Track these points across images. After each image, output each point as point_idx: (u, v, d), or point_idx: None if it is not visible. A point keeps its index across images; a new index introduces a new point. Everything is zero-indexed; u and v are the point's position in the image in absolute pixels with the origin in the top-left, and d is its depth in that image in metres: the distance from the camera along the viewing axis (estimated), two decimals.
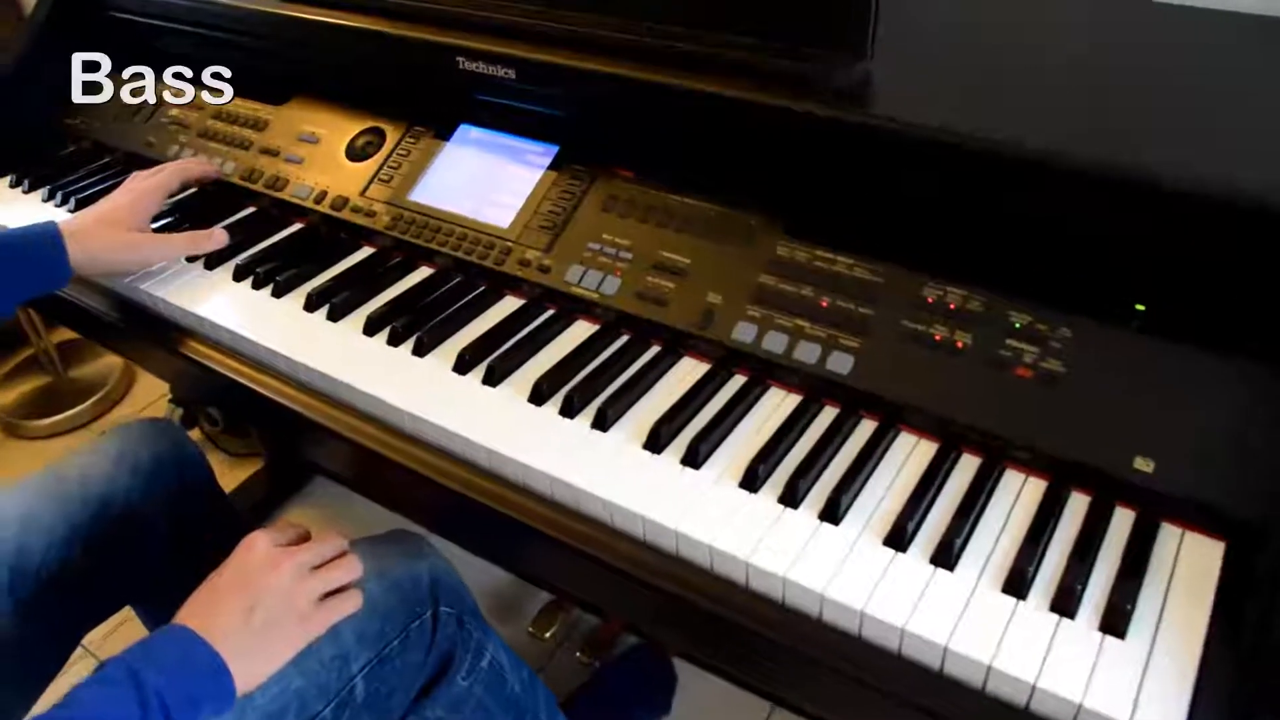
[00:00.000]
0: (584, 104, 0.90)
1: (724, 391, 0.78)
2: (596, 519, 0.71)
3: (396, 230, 0.95)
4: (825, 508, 0.68)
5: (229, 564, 0.78)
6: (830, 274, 0.79)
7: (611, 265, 0.84)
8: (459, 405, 0.77)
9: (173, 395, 1.72)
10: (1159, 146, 0.71)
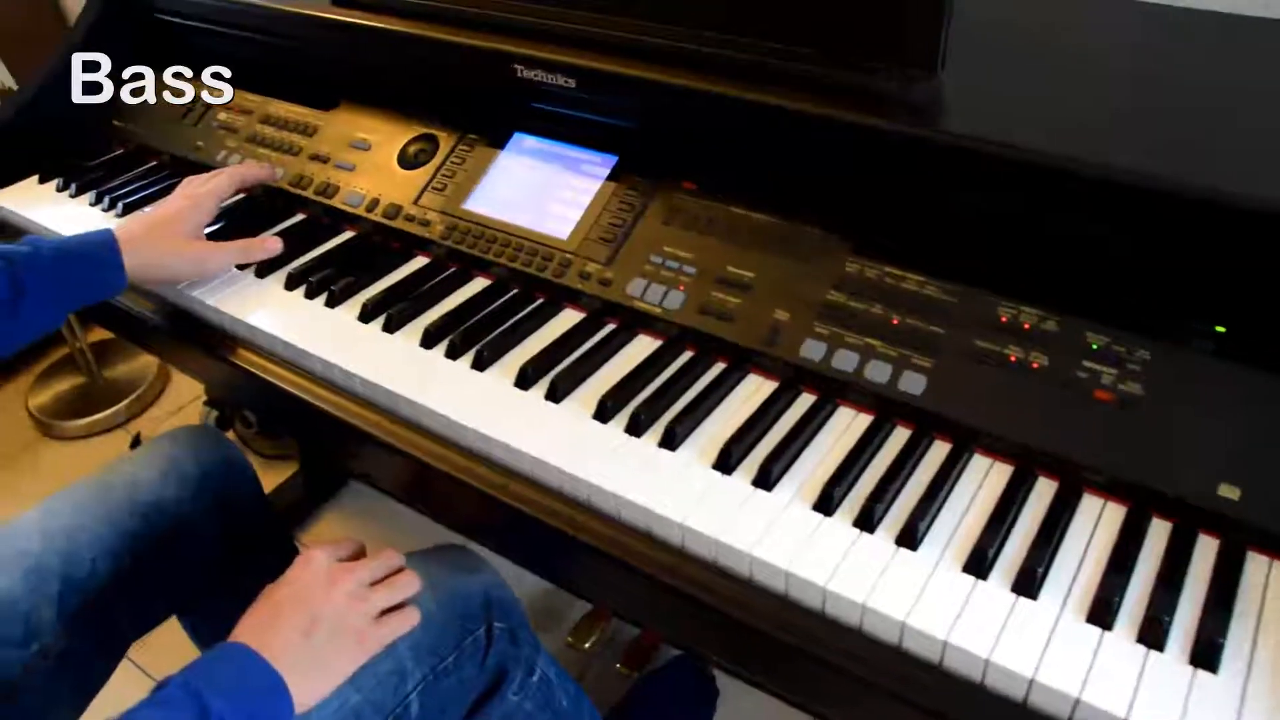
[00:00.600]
0: (647, 115, 0.89)
1: (793, 411, 0.77)
2: (666, 541, 0.70)
3: (451, 240, 0.94)
4: (902, 532, 0.67)
5: (286, 579, 0.77)
6: (900, 292, 0.78)
7: (675, 279, 0.83)
8: (524, 422, 0.76)
9: (208, 398, 1.71)
10: (1239, 165, 0.69)
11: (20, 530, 0.93)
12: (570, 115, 0.94)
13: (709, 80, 0.82)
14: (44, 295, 0.85)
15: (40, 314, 0.86)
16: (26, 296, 0.83)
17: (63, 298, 0.87)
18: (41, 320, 0.87)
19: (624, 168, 0.91)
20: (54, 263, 0.86)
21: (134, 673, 1.31)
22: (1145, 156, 0.70)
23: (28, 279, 0.84)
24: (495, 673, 0.91)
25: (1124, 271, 0.73)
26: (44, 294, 0.85)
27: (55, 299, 0.86)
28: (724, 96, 0.81)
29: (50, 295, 0.86)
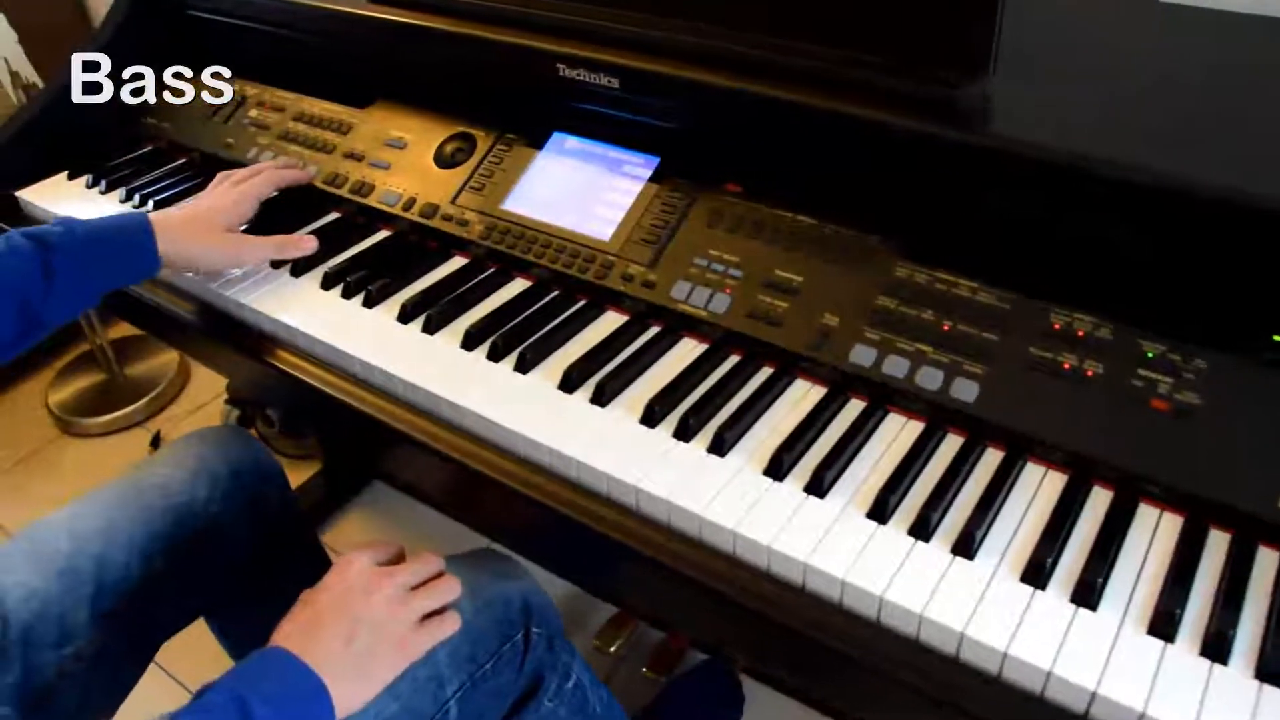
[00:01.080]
0: (692, 116, 0.88)
1: (842, 417, 0.76)
2: (717, 548, 0.69)
3: (490, 240, 0.93)
4: (958, 541, 0.66)
5: (327, 584, 0.77)
6: (952, 298, 0.77)
7: (720, 282, 0.82)
8: (569, 426, 0.75)
9: (229, 397, 1.71)
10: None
11: (50, 531, 0.92)
12: (612, 115, 0.93)
13: (759, 83, 0.81)
14: (76, 275, 0.85)
15: (73, 294, 0.86)
16: (59, 277, 0.83)
17: (95, 277, 0.87)
18: (74, 301, 0.86)
19: (666, 169, 0.90)
20: (86, 243, 0.86)
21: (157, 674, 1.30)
22: (1199, 163, 0.69)
23: (59, 259, 0.83)
24: (532, 679, 0.90)
25: (1179, 279, 0.72)
26: (76, 274, 0.85)
27: (87, 279, 0.86)
28: (774, 99, 0.80)
29: (82, 275, 0.85)
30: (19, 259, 0.82)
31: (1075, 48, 0.89)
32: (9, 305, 0.81)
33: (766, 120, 0.83)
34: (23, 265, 0.82)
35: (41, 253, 0.82)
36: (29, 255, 0.82)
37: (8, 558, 0.90)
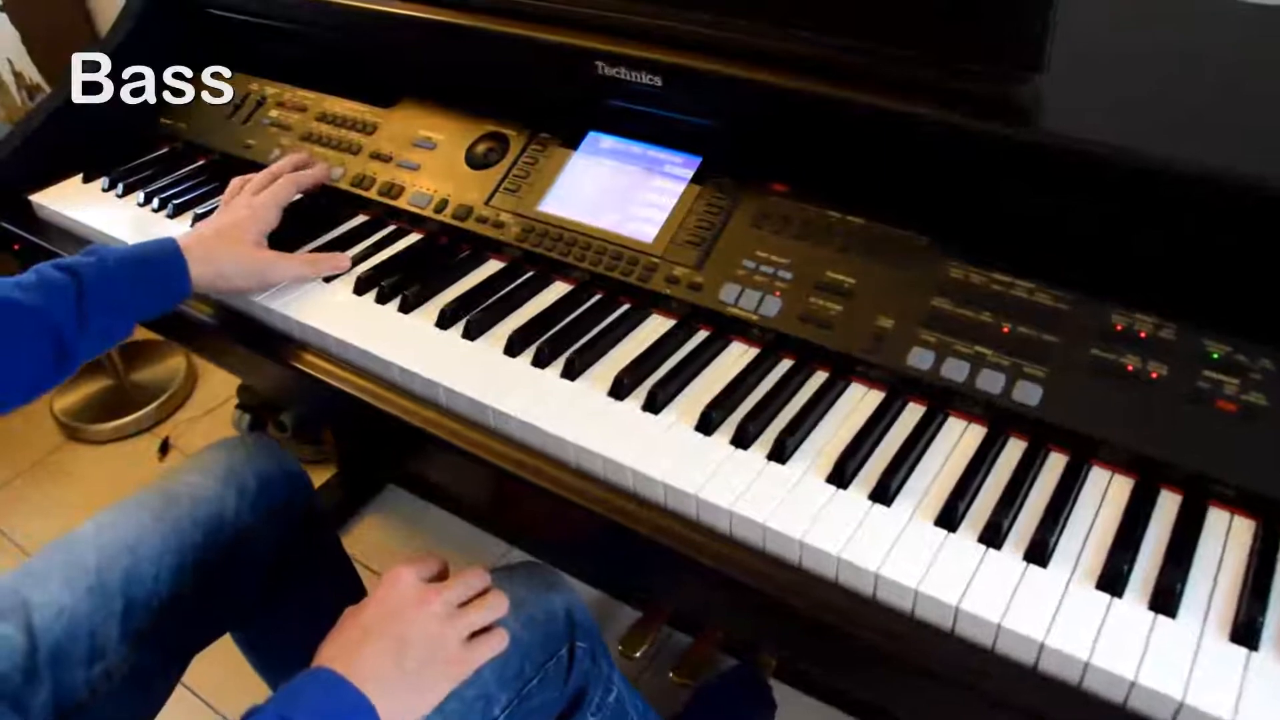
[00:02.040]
0: (738, 115, 0.87)
1: (902, 422, 0.74)
2: (783, 559, 0.67)
3: (528, 243, 0.91)
4: (1030, 549, 0.64)
5: (373, 601, 0.75)
6: (1009, 298, 0.75)
7: (770, 284, 0.81)
8: (622, 434, 0.74)
9: (240, 401, 1.68)
10: None
11: (77, 545, 0.90)
12: (652, 114, 0.92)
13: (810, 81, 0.79)
14: (110, 307, 0.82)
15: (107, 327, 0.83)
16: (92, 309, 0.80)
17: (129, 308, 0.84)
18: (108, 333, 0.84)
19: (709, 168, 0.89)
20: (119, 273, 0.83)
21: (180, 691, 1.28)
22: (1262, 159, 0.68)
23: (93, 292, 0.81)
24: (575, 693, 0.89)
25: (1242, 279, 0.71)
26: (110, 305, 0.82)
27: (122, 310, 0.83)
28: (827, 97, 0.78)
29: (117, 306, 0.83)
30: (52, 293, 0.79)
31: (1126, 45, 0.87)
32: (43, 340, 0.78)
33: (817, 119, 0.81)
34: (56, 299, 0.79)
35: (75, 285, 0.80)
36: (62, 289, 0.79)
37: (35, 574, 0.88)
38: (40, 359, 0.79)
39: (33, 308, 0.78)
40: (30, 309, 0.78)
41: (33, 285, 0.79)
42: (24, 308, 0.78)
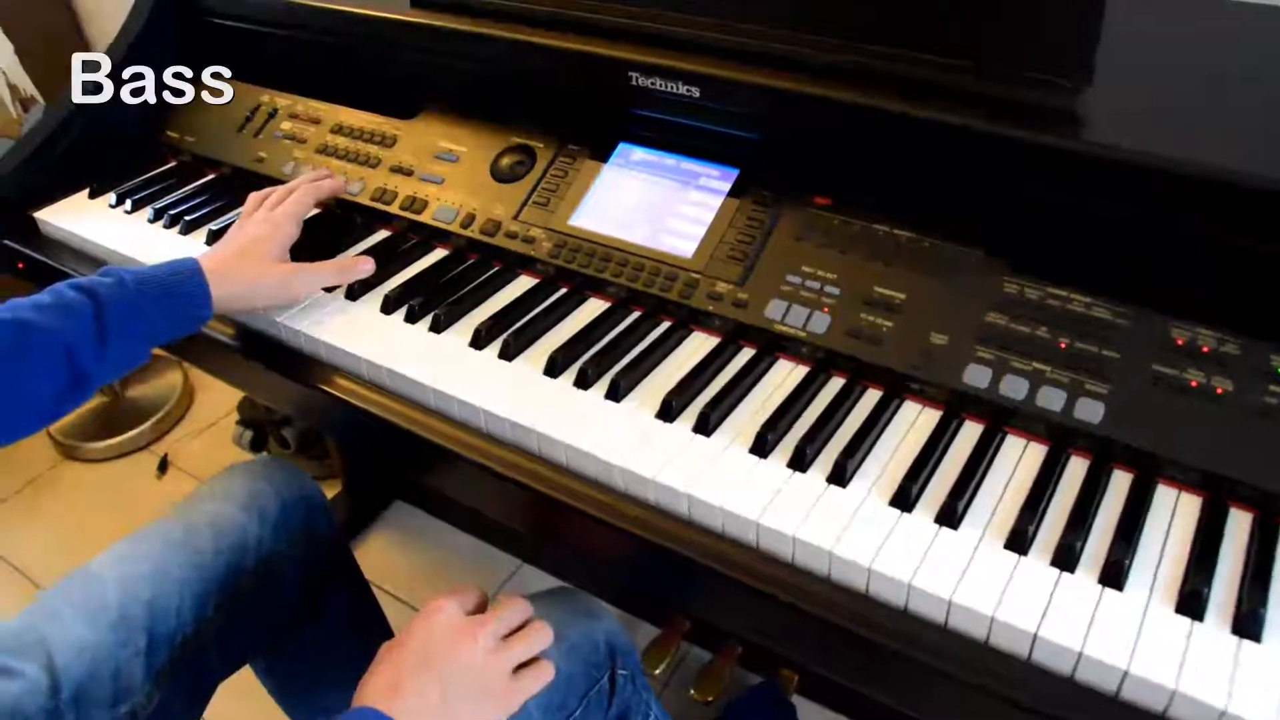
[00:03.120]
0: (779, 127, 0.85)
1: (961, 441, 0.73)
2: (849, 587, 0.65)
3: (560, 259, 0.89)
4: (1105, 571, 0.63)
5: (414, 635, 0.72)
6: (1065, 313, 0.74)
7: (817, 300, 0.79)
8: (676, 459, 0.71)
9: (242, 417, 1.65)
10: None
11: (97, 578, 0.87)
12: (685, 125, 0.89)
13: (856, 91, 0.77)
14: (129, 329, 0.79)
15: (125, 350, 0.79)
16: (111, 332, 0.77)
17: (148, 331, 0.81)
18: (126, 356, 0.80)
19: (747, 181, 0.87)
20: (139, 294, 0.79)
21: None
22: None
23: (112, 313, 0.77)
24: (617, 719, 0.86)
25: None
26: (129, 328, 0.79)
27: (141, 333, 0.80)
28: (874, 108, 0.77)
29: (136, 329, 0.79)
30: (69, 314, 0.76)
31: (1171, 55, 0.86)
32: (57, 363, 0.75)
33: (863, 130, 0.79)
34: (73, 320, 0.76)
35: (92, 307, 0.76)
36: (80, 310, 0.76)
37: (55, 610, 0.84)
38: (56, 382, 0.76)
39: (49, 329, 0.75)
40: (47, 331, 0.75)
41: (49, 306, 0.76)
42: (40, 329, 0.75)
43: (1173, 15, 0.93)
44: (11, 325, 0.74)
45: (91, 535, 1.71)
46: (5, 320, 0.74)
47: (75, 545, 1.70)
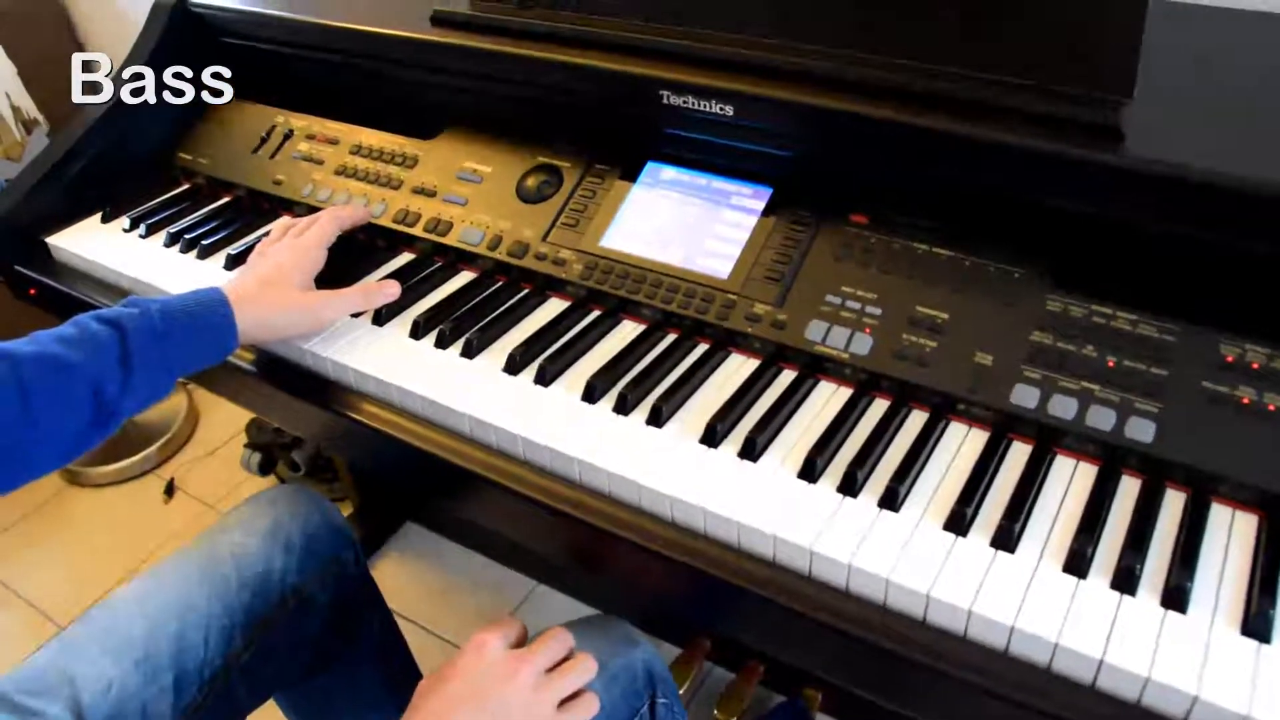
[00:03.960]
0: (814, 145, 0.84)
1: (1010, 463, 0.72)
2: (906, 613, 0.64)
3: (592, 281, 0.88)
4: (1167, 594, 0.62)
5: (458, 671, 0.71)
6: (1112, 331, 0.73)
7: (858, 321, 0.78)
8: (726, 486, 0.70)
9: (250, 440, 1.62)
10: None
11: (120, 613, 0.85)
12: (716, 143, 0.89)
13: (896, 108, 0.76)
14: (155, 362, 0.77)
15: (151, 382, 0.78)
16: (137, 364, 0.75)
17: (174, 362, 0.79)
18: (151, 389, 0.78)
19: (781, 200, 0.86)
20: (164, 325, 0.78)
21: None
22: None
23: (137, 345, 0.76)
24: None
25: None
26: (155, 360, 0.77)
27: (166, 364, 0.78)
28: (914, 126, 0.76)
29: (162, 360, 0.77)
30: (94, 347, 0.74)
31: (1212, 70, 0.86)
32: (84, 398, 0.73)
33: (902, 148, 0.78)
34: (98, 353, 0.74)
35: (118, 339, 0.75)
36: (105, 342, 0.74)
37: (78, 646, 0.83)
38: (81, 417, 0.74)
39: (75, 363, 0.73)
40: (72, 365, 0.73)
41: (74, 340, 0.75)
42: (65, 363, 0.73)
43: (1209, 29, 0.93)
44: (36, 359, 0.72)
45: (99, 563, 1.69)
46: (30, 354, 0.72)
47: (83, 574, 1.67)
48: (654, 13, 0.89)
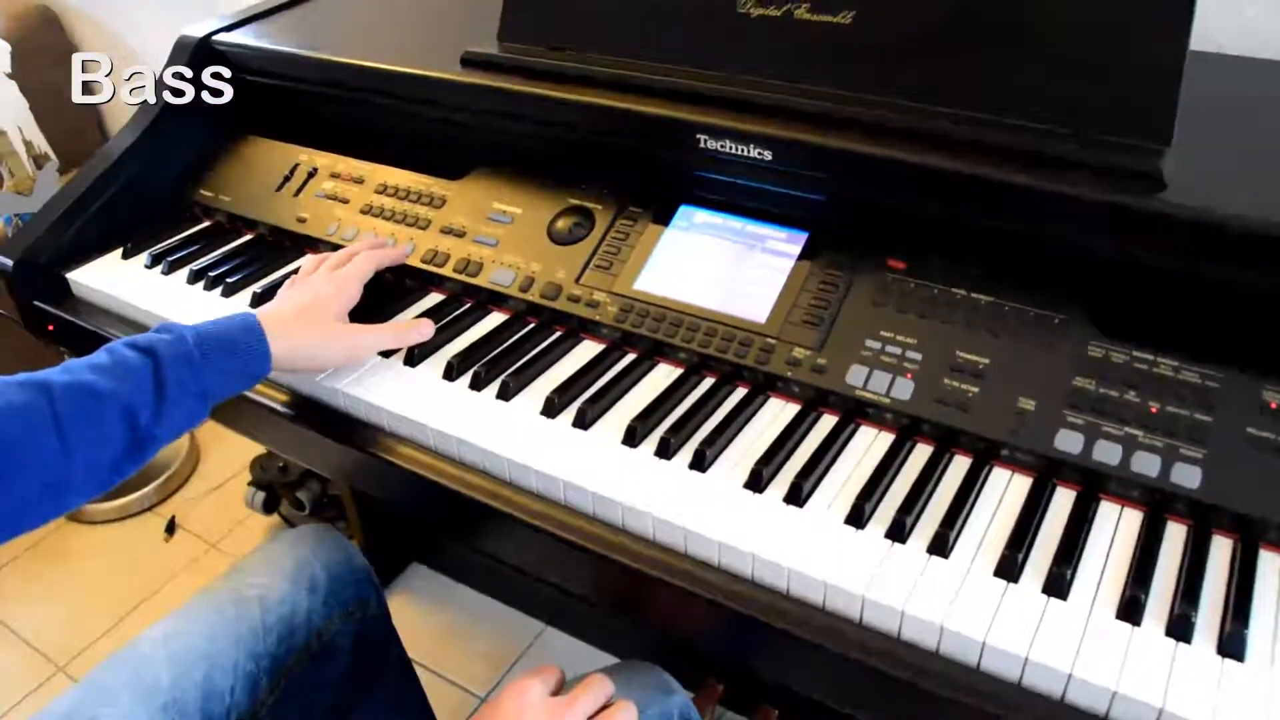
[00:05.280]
0: (851, 190, 0.84)
1: (1056, 509, 0.72)
2: (960, 660, 0.64)
3: (627, 323, 0.88)
4: (1224, 642, 0.62)
5: (500, 716, 0.69)
6: (1154, 377, 0.74)
7: (900, 366, 0.78)
8: (774, 532, 0.70)
9: (254, 479, 1.61)
10: None
11: (146, 656, 0.84)
12: (750, 187, 0.89)
13: (933, 154, 0.77)
14: (190, 389, 0.76)
15: (185, 409, 0.77)
16: (170, 390, 0.74)
17: (208, 388, 0.78)
18: (186, 416, 0.77)
19: (818, 245, 0.86)
20: (199, 353, 0.77)
21: None
22: None
23: (171, 371, 0.75)
24: None
25: None
26: (190, 387, 0.76)
27: (201, 392, 0.77)
28: (956, 173, 0.77)
29: (196, 387, 0.76)
30: (128, 374, 0.73)
31: (1246, 118, 0.87)
32: (118, 426, 0.72)
33: (942, 194, 0.79)
34: (131, 380, 0.73)
35: (151, 366, 0.74)
36: (138, 368, 0.73)
37: (104, 689, 0.81)
38: (116, 447, 0.73)
39: (109, 392, 0.72)
40: (106, 393, 0.72)
41: (107, 368, 0.73)
42: (98, 392, 0.72)
43: (1241, 78, 0.95)
44: (70, 388, 0.71)
45: (98, 601, 1.66)
46: (63, 383, 0.71)
47: (81, 612, 1.64)
48: (685, 58, 0.90)
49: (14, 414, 0.68)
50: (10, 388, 0.69)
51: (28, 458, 0.67)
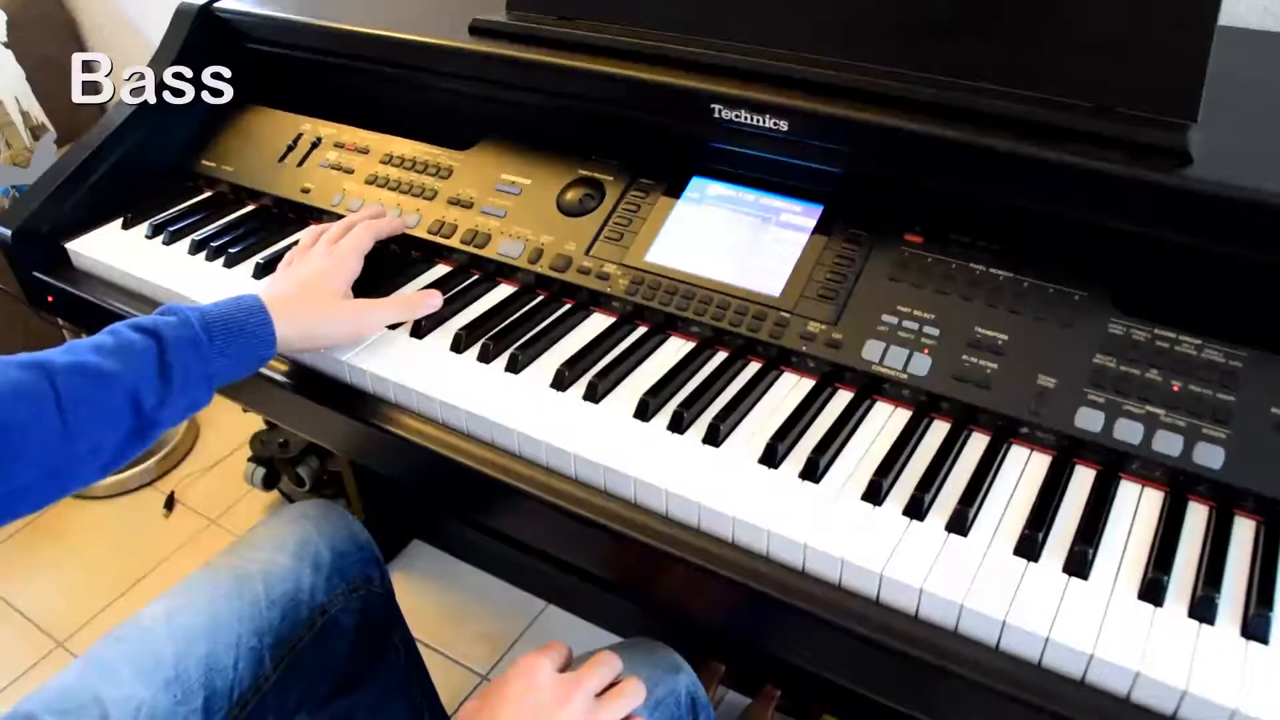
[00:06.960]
0: (869, 162, 0.83)
1: (1076, 488, 0.71)
2: (980, 640, 0.63)
3: (638, 296, 0.86)
4: (1246, 626, 0.61)
5: (508, 697, 0.69)
6: (1176, 355, 0.72)
7: (917, 342, 0.77)
8: (790, 508, 0.69)
9: (254, 454, 1.59)
10: None
11: (146, 633, 0.82)
12: (764, 159, 0.87)
13: (958, 128, 0.76)
14: (194, 372, 0.74)
15: (190, 392, 0.75)
16: (175, 374, 0.73)
17: (213, 371, 0.76)
18: (190, 399, 0.76)
19: (833, 218, 0.85)
20: (203, 335, 0.75)
21: None
22: None
23: (177, 355, 0.73)
24: None
25: None
26: (194, 370, 0.74)
27: (205, 375, 0.76)
28: (977, 145, 0.75)
29: (201, 369, 0.75)
30: (132, 357, 0.71)
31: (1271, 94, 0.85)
32: (122, 409, 0.70)
33: (963, 168, 0.78)
34: (136, 363, 0.71)
35: (155, 348, 0.72)
36: (142, 351, 0.72)
37: (105, 665, 0.80)
38: (120, 430, 0.71)
39: (112, 374, 0.71)
40: (110, 375, 0.71)
41: (111, 350, 0.72)
42: (102, 374, 0.70)
43: (1267, 54, 0.93)
44: (73, 370, 0.69)
45: (97, 577, 1.65)
46: (65, 364, 0.69)
47: (80, 588, 1.63)
48: (699, 27, 0.88)
49: (15, 394, 0.66)
50: (10, 368, 0.67)
51: (29, 439, 0.66)
